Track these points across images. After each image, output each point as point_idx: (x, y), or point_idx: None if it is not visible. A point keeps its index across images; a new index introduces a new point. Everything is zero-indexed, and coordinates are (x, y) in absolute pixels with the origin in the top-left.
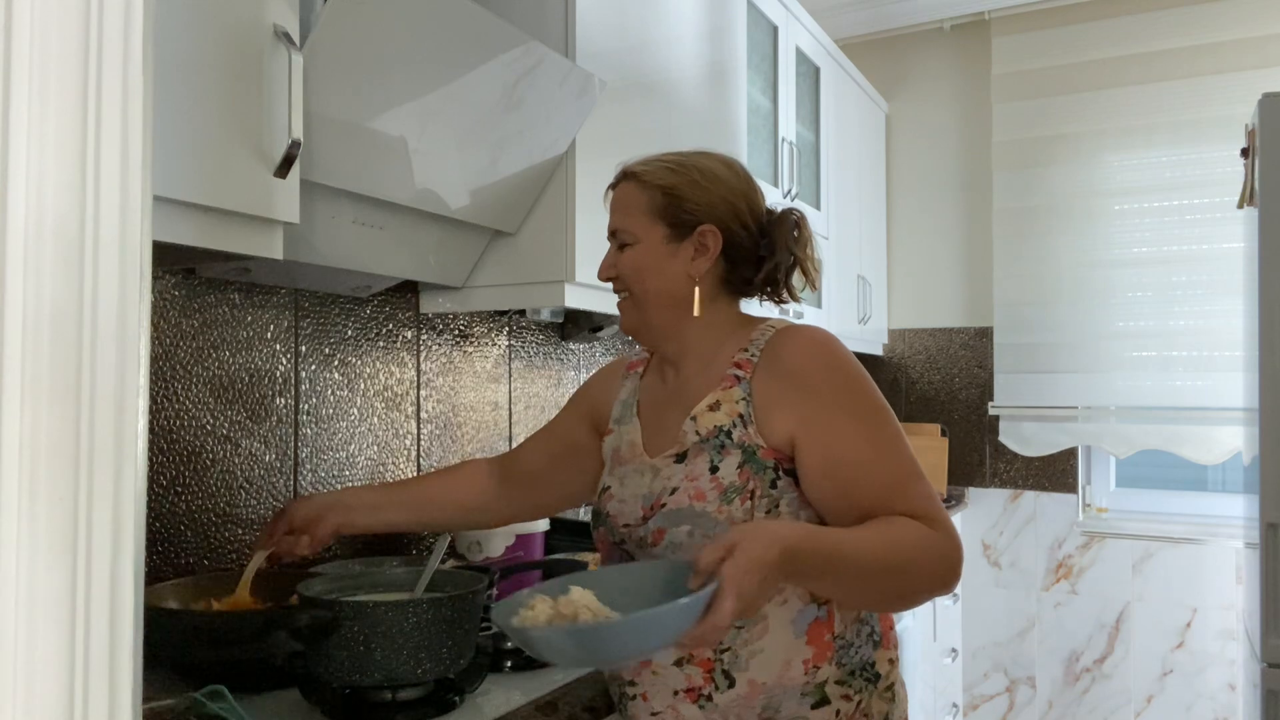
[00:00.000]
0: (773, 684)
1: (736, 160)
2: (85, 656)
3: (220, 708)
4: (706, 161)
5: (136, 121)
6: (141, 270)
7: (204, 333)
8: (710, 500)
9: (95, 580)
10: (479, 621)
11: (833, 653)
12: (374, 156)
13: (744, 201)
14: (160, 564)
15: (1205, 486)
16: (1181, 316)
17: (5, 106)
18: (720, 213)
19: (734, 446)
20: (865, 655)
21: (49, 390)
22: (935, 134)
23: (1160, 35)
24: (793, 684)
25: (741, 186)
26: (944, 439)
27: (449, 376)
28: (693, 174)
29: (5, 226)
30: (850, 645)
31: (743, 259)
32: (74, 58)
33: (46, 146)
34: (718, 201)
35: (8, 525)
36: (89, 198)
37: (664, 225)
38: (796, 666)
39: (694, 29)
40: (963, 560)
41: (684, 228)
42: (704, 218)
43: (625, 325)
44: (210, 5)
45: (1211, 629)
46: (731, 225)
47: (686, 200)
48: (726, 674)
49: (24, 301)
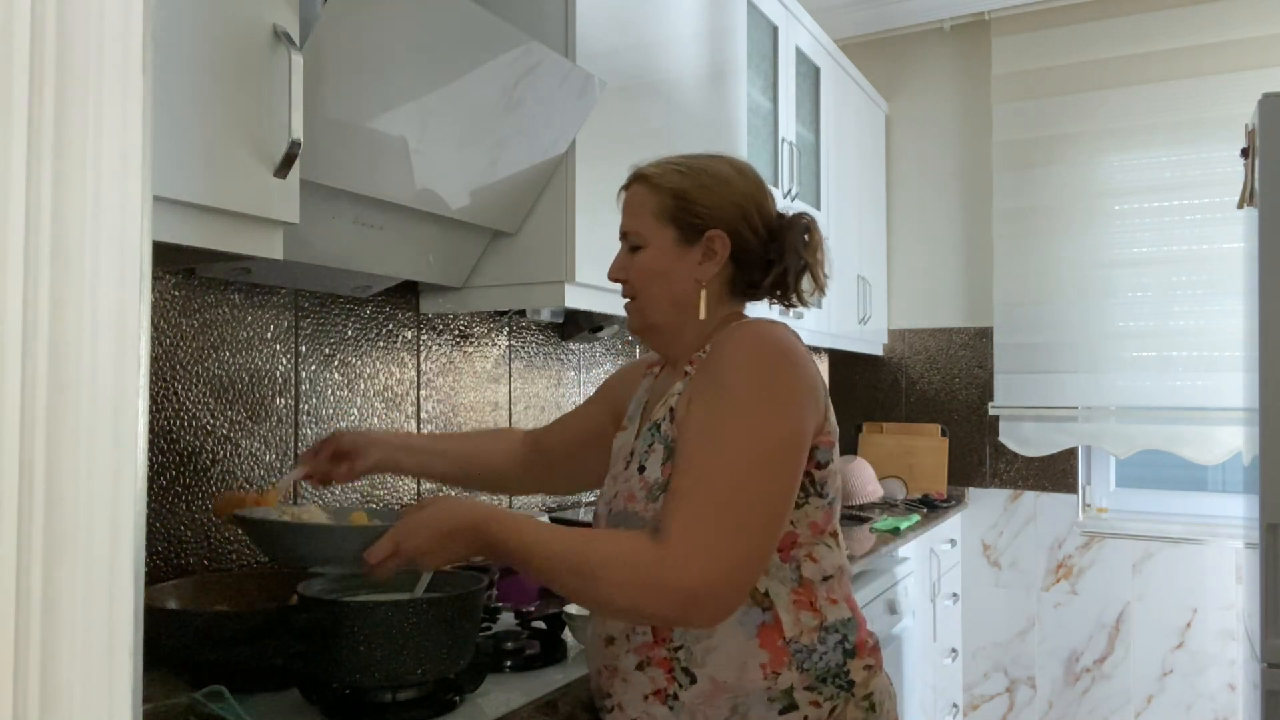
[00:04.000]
0: (734, 684)
1: (748, 164)
2: (85, 656)
3: (220, 708)
4: (717, 165)
5: (136, 121)
6: (141, 270)
7: (204, 333)
8: (639, 500)
9: (95, 580)
10: (479, 621)
11: (789, 657)
12: (374, 156)
13: (753, 206)
14: (160, 564)
15: (1205, 487)
16: (1181, 316)
17: (5, 106)
18: (729, 217)
19: (660, 441)
20: (833, 661)
21: (49, 390)
22: (935, 134)
23: (1160, 35)
24: (754, 686)
25: (751, 191)
26: (944, 439)
27: (449, 376)
28: (702, 178)
29: (5, 226)
30: (812, 651)
31: (751, 263)
32: (74, 58)
33: (46, 146)
34: (727, 206)
35: (8, 525)
36: (89, 198)
37: (673, 228)
38: (754, 669)
39: (694, 29)
40: (692, 597)
41: (693, 231)
42: (713, 222)
43: (632, 326)
44: (210, 5)
45: (1211, 629)
46: (740, 229)
47: (696, 204)
48: (686, 670)
49: (24, 301)
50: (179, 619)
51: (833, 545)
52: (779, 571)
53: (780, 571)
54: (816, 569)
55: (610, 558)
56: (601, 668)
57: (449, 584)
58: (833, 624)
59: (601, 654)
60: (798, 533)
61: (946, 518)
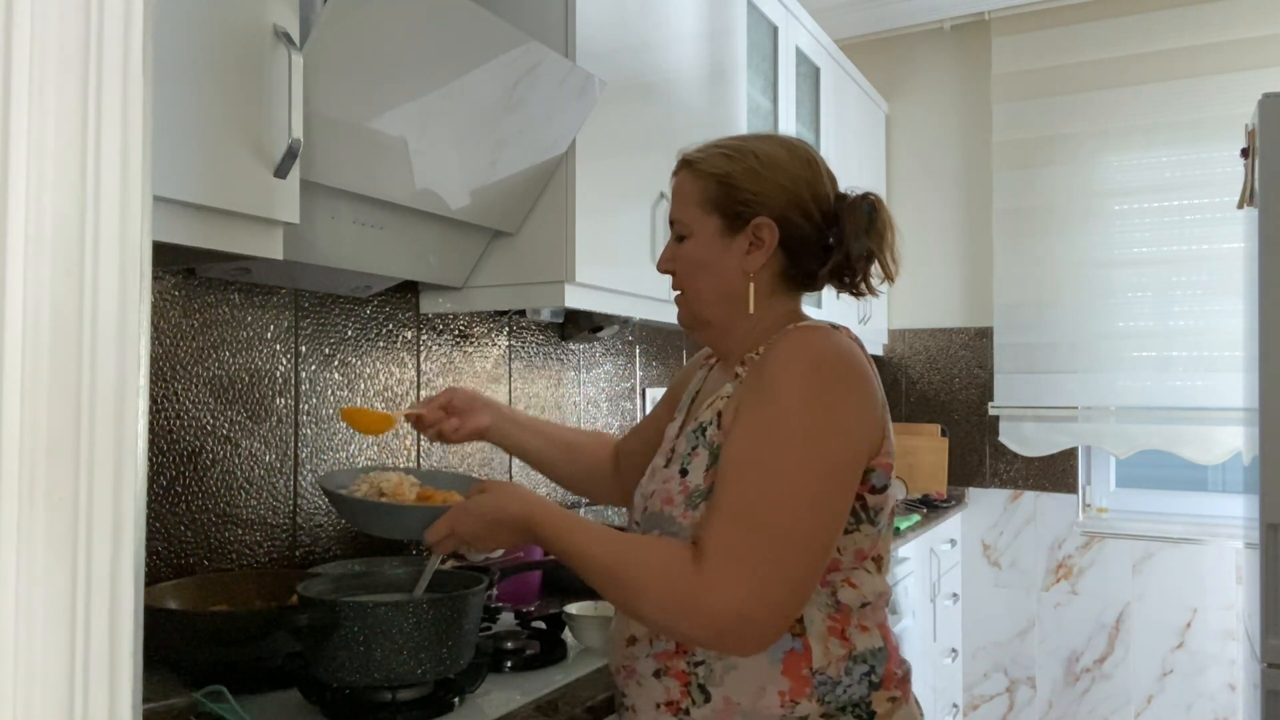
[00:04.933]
0: (748, 708)
1: (803, 143)
2: (85, 656)
3: (220, 708)
4: (766, 146)
5: (136, 121)
6: (141, 270)
7: (204, 333)
8: (677, 504)
9: (95, 580)
10: (479, 621)
11: (811, 689)
12: (374, 156)
13: (806, 189)
14: (160, 564)
15: (1205, 487)
16: (1181, 316)
17: (5, 106)
18: (778, 202)
19: (704, 445)
20: (856, 694)
21: (49, 390)
22: (935, 134)
23: (1160, 35)
24: (769, 713)
25: (803, 172)
26: (944, 439)
27: (449, 377)
28: (749, 160)
29: (5, 226)
30: (836, 684)
31: (805, 251)
32: (74, 58)
33: (46, 146)
34: (775, 190)
35: (8, 525)
36: (89, 198)
37: (718, 217)
38: (772, 696)
39: (694, 29)
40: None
41: (738, 220)
42: (760, 208)
43: (681, 321)
44: (210, 5)
45: (1211, 629)
46: (791, 215)
47: (741, 189)
48: (702, 688)
49: (24, 301)
50: (179, 619)
51: (873, 571)
52: (816, 597)
53: (817, 597)
54: (855, 595)
55: (650, 572)
56: (620, 666)
57: (449, 584)
58: (861, 653)
59: (621, 652)
60: (841, 559)
61: (946, 518)
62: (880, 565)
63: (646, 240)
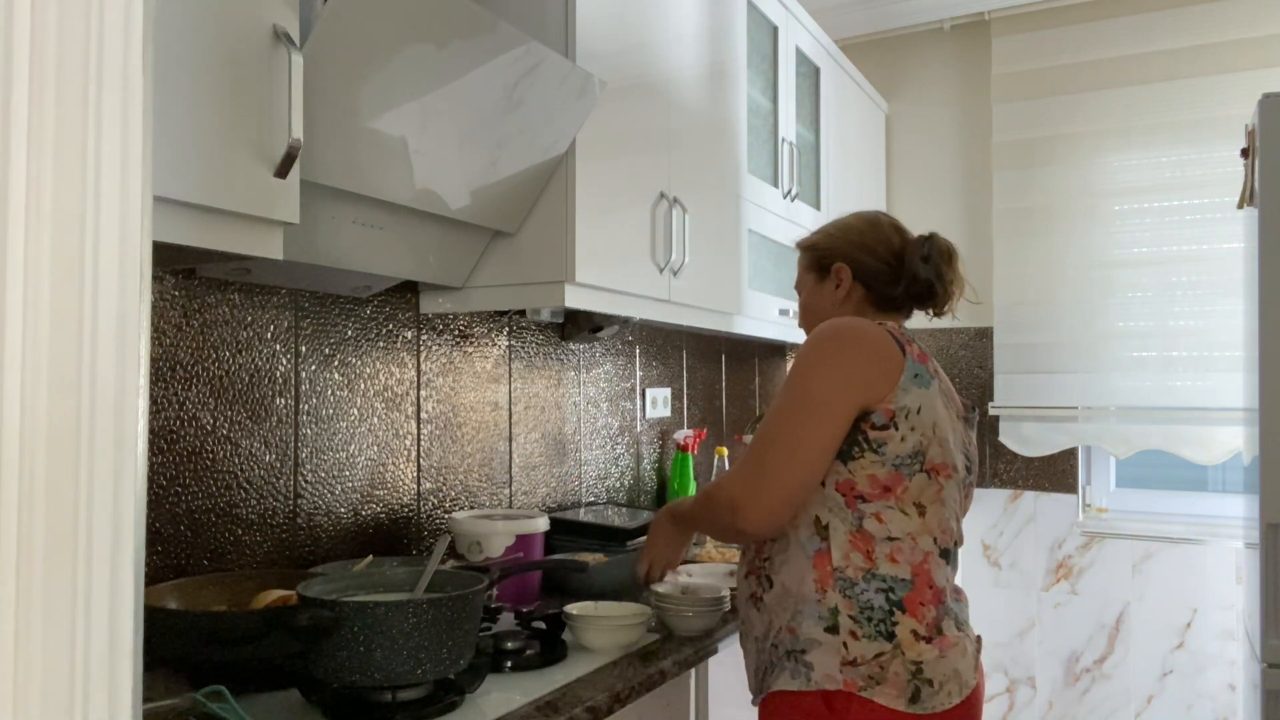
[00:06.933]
0: (795, 591)
1: (876, 211)
2: (85, 656)
3: (220, 708)
4: (846, 219)
5: (136, 121)
6: (141, 270)
7: (204, 333)
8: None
9: (95, 580)
10: (479, 621)
11: (833, 581)
12: (374, 156)
13: (870, 238)
14: (160, 564)
15: (1205, 487)
16: (1181, 317)
17: (5, 106)
18: (847, 251)
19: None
20: (875, 602)
21: (49, 390)
22: (935, 134)
23: (1160, 35)
24: (808, 597)
25: (865, 228)
26: None
27: (449, 377)
28: (829, 230)
29: (5, 226)
30: (854, 584)
31: (878, 280)
32: (74, 58)
33: (46, 146)
34: (844, 245)
35: (8, 525)
36: (89, 198)
37: (814, 273)
38: (809, 583)
39: (694, 29)
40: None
41: (825, 271)
42: (835, 257)
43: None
44: (210, 5)
45: (1211, 629)
46: (858, 257)
47: (822, 252)
48: (768, 577)
49: (24, 301)
50: (179, 619)
51: (911, 515)
52: (841, 512)
53: (842, 513)
54: (880, 528)
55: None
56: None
57: (449, 584)
58: (882, 575)
59: (740, 584)
60: (854, 480)
61: None
62: (921, 513)
63: (646, 240)
